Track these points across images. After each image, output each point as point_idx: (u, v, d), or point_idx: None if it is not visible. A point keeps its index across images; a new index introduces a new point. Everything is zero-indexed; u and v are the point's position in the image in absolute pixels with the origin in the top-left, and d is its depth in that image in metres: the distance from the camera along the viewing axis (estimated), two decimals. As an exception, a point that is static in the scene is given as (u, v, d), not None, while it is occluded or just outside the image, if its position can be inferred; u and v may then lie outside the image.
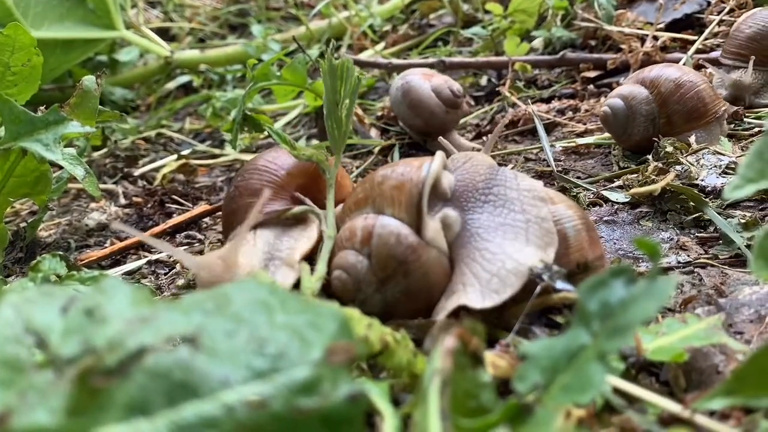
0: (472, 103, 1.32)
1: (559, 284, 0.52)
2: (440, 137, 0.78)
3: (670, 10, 1.37)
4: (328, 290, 0.59)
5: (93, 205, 1.17)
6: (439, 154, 0.61)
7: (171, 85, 1.89)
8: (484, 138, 1.13)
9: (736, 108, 0.97)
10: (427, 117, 1.09)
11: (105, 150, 1.43)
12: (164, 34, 2.22)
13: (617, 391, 0.45)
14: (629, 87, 0.93)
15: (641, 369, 0.49)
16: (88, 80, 0.80)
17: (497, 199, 0.59)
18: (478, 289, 0.54)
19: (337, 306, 0.48)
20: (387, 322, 0.51)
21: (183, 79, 1.89)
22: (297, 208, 0.69)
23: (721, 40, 1.21)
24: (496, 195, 0.60)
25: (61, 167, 0.79)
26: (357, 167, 1.11)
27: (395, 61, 1.42)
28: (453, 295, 0.55)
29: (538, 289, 0.53)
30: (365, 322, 0.46)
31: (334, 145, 0.68)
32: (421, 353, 0.48)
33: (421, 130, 1.14)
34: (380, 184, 0.60)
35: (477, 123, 1.23)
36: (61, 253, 0.71)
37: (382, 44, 1.71)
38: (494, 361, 0.46)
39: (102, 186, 1.23)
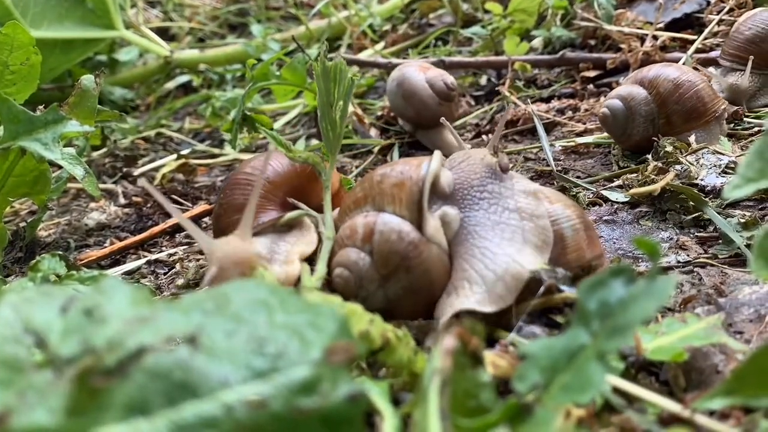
0: (473, 102, 1.32)
1: (565, 288, 0.52)
2: (442, 118, 0.77)
3: (669, 9, 1.36)
4: (328, 290, 0.59)
5: (92, 204, 1.17)
6: (437, 153, 0.62)
7: (170, 84, 1.88)
8: (484, 137, 1.13)
9: (736, 108, 0.97)
10: (420, 108, 1.11)
11: (104, 150, 1.43)
12: (164, 33, 2.22)
13: (617, 390, 0.45)
14: (628, 88, 0.93)
15: (641, 368, 0.49)
16: (87, 79, 0.80)
17: (491, 197, 0.60)
18: (485, 290, 0.54)
19: (340, 300, 0.48)
20: (389, 320, 0.51)
21: (182, 78, 1.89)
22: (290, 214, 0.68)
23: (721, 40, 1.20)
24: (490, 193, 0.60)
25: (60, 167, 0.79)
26: (357, 167, 1.11)
27: (395, 60, 1.42)
28: (457, 292, 0.55)
29: (542, 289, 0.53)
30: (367, 318, 0.46)
31: (329, 146, 0.68)
32: (421, 352, 0.48)
33: (413, 121, 1.15)
34: (380, 182, 0.60)
35: (477, 123, 1.23)
36: (60, 252, 0.71)
37: (381, 44, 1.71)
38: (494, 360, 0.46)
39: (101, 186, 1.23)
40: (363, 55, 1.62)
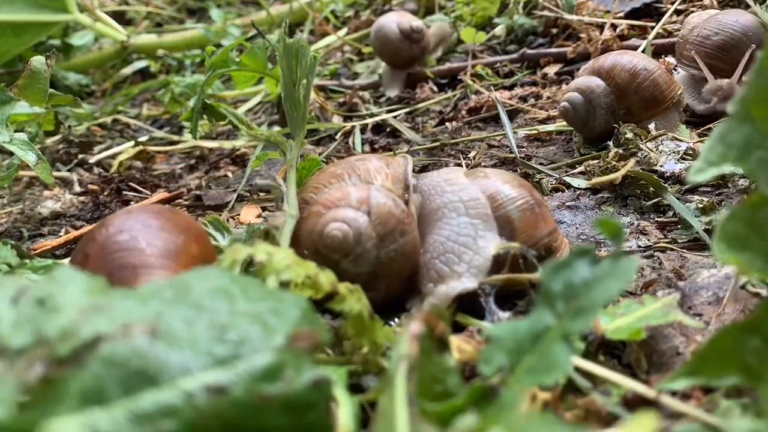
0: (435, 89, 1.32)
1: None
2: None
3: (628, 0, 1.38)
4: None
5: (46, 192, 1.13)
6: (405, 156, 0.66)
7: (127, 70, 1.84)
8: (447, 124, 1.13)
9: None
10: (384, 41, 1.33)
11: (58, 136, 1.39)
12: (120, 17, 2.16)
13: (580, 370, 0.45)
14: (586, 80, 0.92)
15: (600, 347, 0.49)
16: (37, 61, 0.77)
17: (430, 188, 0.63)
18: (470, 272, 0.57)
19: (292, 251, 0.48)
20: (372, 283, 0.51)
21: (140, 64, 1.84)
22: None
23: (680, 27, 1.21)
24: (429, 183, 0.64)
25: (11, 153, 0.76)
26: (320, 153, 1.10)
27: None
28: (451, 269, 0.57)
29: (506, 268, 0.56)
30: (316, 267, 0.46)
31: (293, 126, 0.68)
32: (379, 320, 0.47)
33: (381, 57, 1.38)
34: (363, 164, 0.63)
35: (440, 110, 1.22)
36: (12, 242, 0.68)
37: (344, 30, 1.70)
38: (460, 345, 0.46)
39: (56, 173, 1.19)
40: (325, 42, 1.61)
